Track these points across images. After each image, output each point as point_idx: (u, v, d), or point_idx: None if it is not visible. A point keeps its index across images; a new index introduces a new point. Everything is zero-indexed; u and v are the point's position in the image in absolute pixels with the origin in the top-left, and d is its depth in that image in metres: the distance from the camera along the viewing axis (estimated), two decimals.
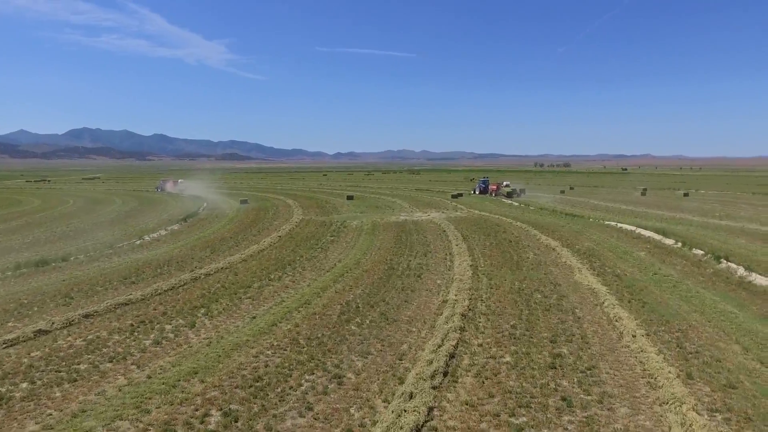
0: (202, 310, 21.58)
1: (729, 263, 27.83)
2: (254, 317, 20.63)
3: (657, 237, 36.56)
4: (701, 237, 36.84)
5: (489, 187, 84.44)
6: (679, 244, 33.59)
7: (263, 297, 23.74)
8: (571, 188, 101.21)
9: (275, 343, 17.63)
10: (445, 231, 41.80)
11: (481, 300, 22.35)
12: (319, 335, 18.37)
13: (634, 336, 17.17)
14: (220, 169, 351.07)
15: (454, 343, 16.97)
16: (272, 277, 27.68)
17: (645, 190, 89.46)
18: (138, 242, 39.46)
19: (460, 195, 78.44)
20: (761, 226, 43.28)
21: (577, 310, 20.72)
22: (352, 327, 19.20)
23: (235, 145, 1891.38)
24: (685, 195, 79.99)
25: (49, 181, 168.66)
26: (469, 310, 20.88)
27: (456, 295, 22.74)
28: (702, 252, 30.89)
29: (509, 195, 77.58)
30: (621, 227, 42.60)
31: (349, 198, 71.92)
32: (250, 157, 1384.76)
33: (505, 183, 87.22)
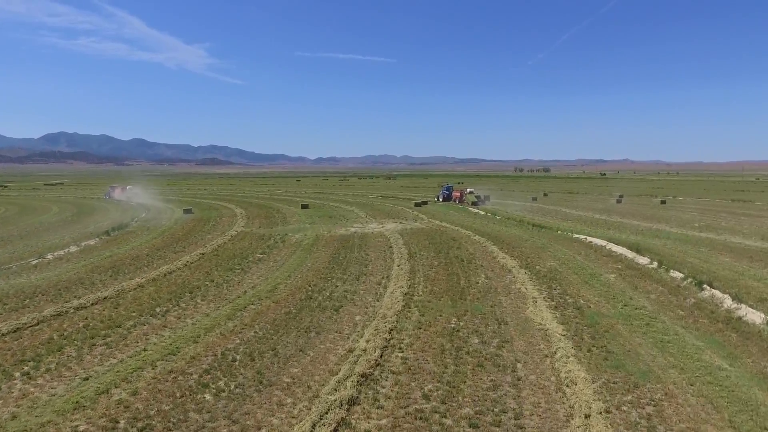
0: (28, 366, 16.17)
1: (713, 290, 23.06)
2: (88, 378, 15.25)
3: (630, 255, 31.78)
4: (680, 254, 32.20)
5: (453, 194, 79.62)
6: (655, 264, 28.82)
7: (126, 342, 18.37)
8: (545, 195, 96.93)
9: (81, 429, 12.27)
10: (392, 247, 36.67)
11: (400, 348, 17.18)
12: (153, 412, 13.04)
13: (587, 416, 12.12)
14: (195, 174, 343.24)
15: (330, 430, 11.76)
16: (158, 311, 22.32)
17: (621, 197, 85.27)
18: (35, 262, 33.71)
19: (425, 203, 73.41)
20: (745, 240, 38.89)
21: (519, 366, 15.64)
22: (207, 397, 13.90)
23: (215, 150, 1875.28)
24: (663, 203, 75.93)
25: (6, 187, 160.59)
26: (378, 365, 15.70)
27: (369, 341, 17.58)
28: (681, 275, 26.12)
29: (475, 203, 72.82)
30: (590, 242, 37.82)
31: (304, 207, 66.50)
32: (230, 162, 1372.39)
33: (469, 190, 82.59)
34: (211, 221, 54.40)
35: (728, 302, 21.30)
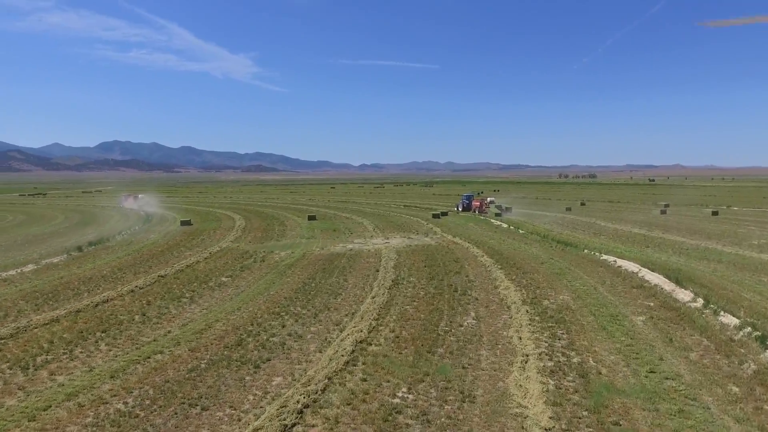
0: None
1: None
2: None
3: (667, 287, 25.09)
4: (734, 286, 25.37)
5: (472, 203, 73.32)
6: (700, 302, 22.18)
7: None
8: (582, 204, 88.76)
9: None
10: (379, 270, 31.08)
11: None
12: None
13: None
14: (236, 181, 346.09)
15: None
16: (38, 361, 17.65)
17: (666, 206, 76.78)
18: None
19: (445, 214, 67.27)
20: None
21: None
22: None
23: (260, 157, 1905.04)
24: (714, 214, 67.03)
25: (44, 195, 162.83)
26: None
27: (259, 431, 12.07)
28: (735, 320, 19.50)
29: (498, 214, 66.30)
30: (620, 266, 31.14)
31: (311, 218, 61.48)
32: (275, 169, 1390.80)
33: (489, 199, 76.18)
34: (203, 234, 50.01)
35: None
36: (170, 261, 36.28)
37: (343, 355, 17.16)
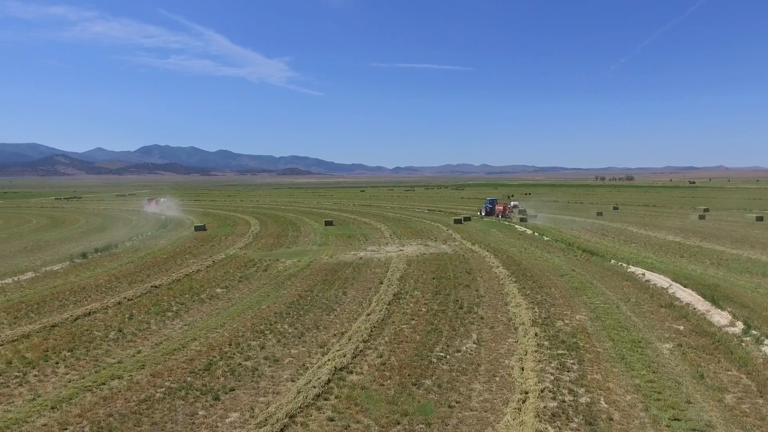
0: None
1: None
2: None
3: (701, 307, 22.11)
4: None
5: (495, 208, 70.53)
6: (739, 327, 19.23)
7: None
8: (615, 208, 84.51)
9: None
10: (383, 282, 28.87)
11: None
12: None
13: None
14: (269, 185, 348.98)
15: None
16: None
17: (706, 211, 72.17)
18: None
19: (468, 219, 64.55)
20: None
21: None
22: None
23: (296, 160, 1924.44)
24: (759, 219, 62.22)
25: (79, 198, 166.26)
26: None
27: None
28: None
29: (523, 219, 63.29)
30: (648, 280, 28.13)
31: (328, 223, 59.64)
32: (310, 172, 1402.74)
33: (513, 203, 73.21)
34: (214, 240, 48.71)
35: None
36: (171, 269, 34.85)
37: (315, 387, 15.02)
